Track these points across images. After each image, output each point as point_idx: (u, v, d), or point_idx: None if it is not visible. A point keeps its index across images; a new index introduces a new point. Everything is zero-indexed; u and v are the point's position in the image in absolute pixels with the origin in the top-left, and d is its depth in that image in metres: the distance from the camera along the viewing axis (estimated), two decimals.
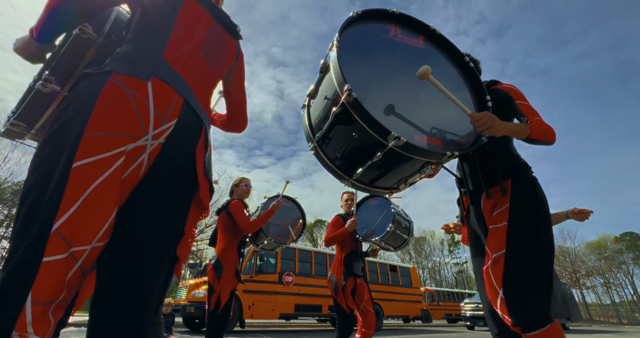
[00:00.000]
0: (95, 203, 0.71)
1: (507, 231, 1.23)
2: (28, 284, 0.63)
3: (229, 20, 1.18)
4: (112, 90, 0.78)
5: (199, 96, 1.01)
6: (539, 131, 1.26)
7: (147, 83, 0.84)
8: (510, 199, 1.28)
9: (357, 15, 1.21)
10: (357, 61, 1.16)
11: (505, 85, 1.46)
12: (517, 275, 1.16)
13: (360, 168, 1.12)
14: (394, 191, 1.28)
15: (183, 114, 0.89)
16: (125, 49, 0.93)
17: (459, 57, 1.40)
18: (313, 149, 1.23)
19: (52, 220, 0.67)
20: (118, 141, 0.76)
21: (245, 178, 3.22)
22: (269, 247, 3.24)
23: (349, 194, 3.32)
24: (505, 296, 1.15)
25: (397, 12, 1.31)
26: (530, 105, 1.37)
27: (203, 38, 1.06)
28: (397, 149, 1.00)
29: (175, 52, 0.96)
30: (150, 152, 0.83)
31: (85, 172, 0.71)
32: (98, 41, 1.10)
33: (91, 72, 0.83)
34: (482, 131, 1.16)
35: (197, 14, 1.06)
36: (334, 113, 1.07)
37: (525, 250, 1.19)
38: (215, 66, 1.11)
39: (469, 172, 1.49)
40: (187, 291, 7.82)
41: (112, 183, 0.74)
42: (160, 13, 0.98)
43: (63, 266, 0.67)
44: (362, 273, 3.04)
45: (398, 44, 1.29)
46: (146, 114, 0.81)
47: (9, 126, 1.14)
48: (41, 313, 0.64)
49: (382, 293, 11.19)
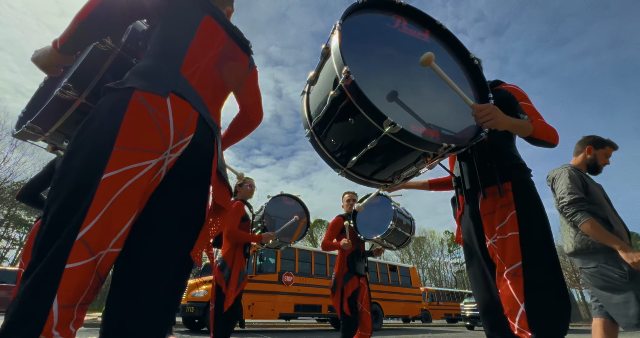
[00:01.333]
0: (117, 212, 0.76)
1: (519, 241, 1.20)
2: (53, 290, 0.67)
3: (242, 37, 1.24)
4: (137, 108, 0.84)
5: (212, 108, 1.07)
6: (543, 131, 1.23)
7: (167, 100, 0.89)
8: (515, 207, 1.25)
9: (363, 3, 1.19)
10: (359, 47, 1.13)
11: (508, 85, 1.44)
12: (537, 288, 1.14)
13: (354, 156, 1.10)
14: (389, 184, 1.26)
15: (199, 129, 0.95)
16: (145, 64, 0.97)
17: (464, 53, 1.37)
18: (309, 136, 1.21)
19: (77, 229, 0.71)
20: (144, 156, 0.82)
21: (249, 178, 3.22)
22: (274, 246, 3.24)
23: (350, 194, 3.30)
24: (528, 310, 1.12)
25: (404, 4, 1.28)
26: (534, 107, 1.34)
27: (217, 53, 1.12)
28: (392, 136, 0.97)
29: (191, 67, 1.01)
30: (167, 165, 0.89)
31: (112, 184, 0.76)
32: (116, 51, 1.16)
33: (114, 87, 0.87)
34: (483, 123, 1.13)
35: (213, 31, 1.12)
36: (332, 97, 1.05)
37: (541, 262, 1.17)
38: (228, 79, 1.16)
39: (466, 171, 1.46)
40: (187, 291, 7.81)
41: (134, 195, 0.79)
42: (180, 29, 1.03)
43: (86, 271, 0.71)
44: (365, 272, 3.04)
45: (403, 35, 1.26)
46: (167, 131, 0.87)
47: (25, 129, 1.20)
48: (66, 316, 0.68)
49: (382, 293, 11.18)
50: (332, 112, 1.10)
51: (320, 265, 9.90)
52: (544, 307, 1.12)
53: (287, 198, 3.40)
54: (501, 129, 1.17)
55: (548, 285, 1.14)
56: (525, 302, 1.13)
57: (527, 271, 1.16)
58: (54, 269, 0.68)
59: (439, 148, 1.01)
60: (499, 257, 1.25)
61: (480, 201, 1.37)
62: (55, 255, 0.68)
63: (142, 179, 0.80)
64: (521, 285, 1.15)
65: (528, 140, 1.27)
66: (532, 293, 1.13)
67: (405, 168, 1.17)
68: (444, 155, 1.09)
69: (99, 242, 0.73)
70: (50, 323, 0.65)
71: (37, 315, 0.64)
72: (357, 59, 1.09)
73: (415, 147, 1.01)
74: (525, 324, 1.12)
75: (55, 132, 1.22)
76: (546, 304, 1.12)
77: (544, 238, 1.20)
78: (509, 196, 1.27)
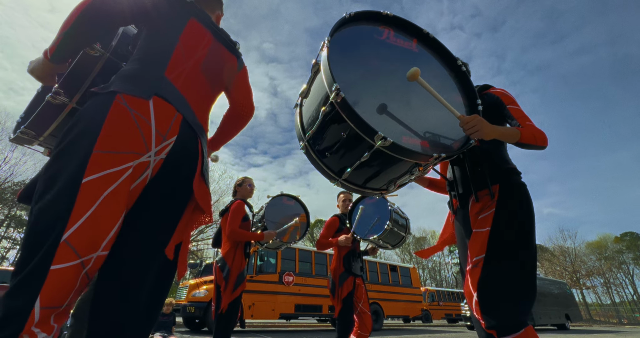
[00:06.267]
0: (102, 215, 0.77)
1: (488, 236, 1.23)
2: (36, 291, 0.68)
3: (229, 39, 1.25)
4: (118, 111, 0.85)
5: (198, 110, 1.07)
6: (530, 135, 1.26)
7: (149, 102, 0.91)
8: (496, 205, 1.28)
9: (350, 16, 1.21)
10: (348, 61, 1.16)
11: (497, 90, 1.47)
12: (492, 280, 1.17)
13: (349, 168, 1.13)
14: (384, 192, 1.29)
15: (182, 131, 0.96)
16: (130, 68, 0.99)
17: (452, 60, 1.40)
18: (304, 149, 1.24)
19: (62, 231, 0.72)
20: (124, 158, 0.83)
21: (249, 178, 3.24)
22: (274, 246, 3.25)
23: (346, 194, 3.31)
24: (479, 300, 1.17)
25: (391, 15, 1.30)
26: (522, 110, 1.37)
27: (204, 56, 1.13)
28: (384, 149, 1.01)
29: (176, 70, 1.03)
30: (153, 167, 0.90)
31: (94, 187, 0.77)
32: (105, 56, 1.17)
33: (97, 92, 0.89)
34: (470, 134, 1.17)
35: (199, 34, 1.13)
36: (323, 112, 1.08)
37: (503, 257, 1.19)
38: (215, 82, 1.17)
39: (459, 175, 1.50)
40: (188, 291, 7.83)
41: (118, 197, 0.80)
42: (164, 33, 1.05)
43: (72, 273, 0.72)
44: (361, 272, 3.04)
45: (390, 46, 1.28)
46: (148, 133, 0.88)
47: (19, 133, 1.23)
48: (47, 317, 0.69)
49: (382, 293, 11.20)
50: (325, 126, 1.13)
51: (321, 265, 9.92)
52: (493, 298, 1.15)
53: (287, 198, 3.42)
54: (488, 139, 1.20)
55: (504, 281, 1.16)
56: (478, 291, 1.17)
57: (486, 264, 1.19)
58: (39, 270, 0.69)
59: (430, 158, 1.04)
60: (468, 251, 1.29)
61: (471, 204, 1.40)
62: (40, 257, 0.70)
63: (125, 182, 0.82)
64: (477, 276, 1.19)
65: (517, 145, 1.30)
66: (486, 283, 1.17)
67: (398, 177, 1.20)
68: (435, 163, 1.12)
69: (87, 245, 0.74)
70: (31, 322, 0.67)
71: (19, 316, 0.66)
72: (346, 73, 1.11)
73: (407, 158, 1.05)
74: (479, 312, 1.16)
75: (49, 136, 1.24)
76: (497, 296, 1.15)
77: (516, 237, 1.22)
78: (496, 197, 1.31)
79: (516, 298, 1.14)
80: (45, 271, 0.69)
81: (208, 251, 22.30)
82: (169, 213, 0.95)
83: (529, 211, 1.28)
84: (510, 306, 1.14)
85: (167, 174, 0.93)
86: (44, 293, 0.68)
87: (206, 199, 1.04)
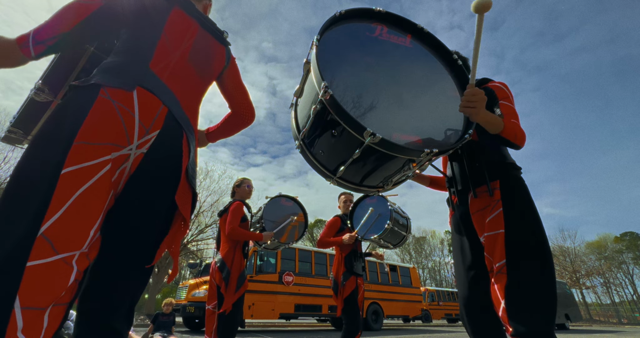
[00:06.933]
0: (82, 208, 0.72)
1: (504, 239, 1.21)
2: (13, 289, 0.61)
3: (216, 27, 1.21)
4: (101, 104, 0.81)
5: (186, 102, 1.03)
6: (512, 131, 1.24)
7: (133, 93, 0.86)
8: (502, 204, 1.26)
9: (341, 14, 1.20)
10: (338, 59, 1.15)
11: (495, 83, 1.45)
12: (519, 286, 1.15)
13: (342, 166, 1.13)
14: (380, 189, 1.28)
15: (166, 125, 0.92)
16: (112, 60, 0.95)
17: (447, 55, 1.38)
18: (299, 147, 1.24)
19: (39, 224, 0.66)
20: (104, 150, 0.78)
21: (247, 179, 3.24)
22: (272, 246, 3.25)
23: (347, 195, 3.32)
24: (507, 307, 1.14)
25: (384, 11, 1.29)
26: (513, 107, 1.35)
27: (190, 46, 1.08)
28: (373, 145, 0.99)
29: (161, 62, 0.98)
30: (132, 161, 0.86)
31: (72, 178, 0.72)
32: (90, 51, 1.13)
33: (79, 85, 0.85)
34: (465, 108, 1.14)
35: (184, 24, 1.09)
36: (315, 111, 1.08)
37: (525, 259, 1.18)
38: (203, 73, 1.13)
39: (457, 171, 1.48)
40: (187, 291, 7.84)
41: (98, 190, 0.76)
42: (147, 24, 1.01)
43: (53, 270, 0.66)
44: (362, 272, 3.05)
45: (383, 42, 1.27)
46: (131, 125, 0.84)
47: (7, 132, 1.19)
48: (34, 318, 0.63)
49: (382, 293, 11.21)
50: (317, 125, 1.12)
51: (321, 265, 9.93)
52: (523, 303, 1.13)
53: (286, 199, 3.42)
54: (477, 120, 1.18)
55: (530, 283, 1.15)
56: (506, 299, 1.15)
57: (510, 269, 1.18)
58: (13, 267, 0.62)
59: (422, 153, 1.03)
60: (487, 255, 1.28)
61: (470, 200, 1.39)
62: (14, 252, 0.63)
63: (106, 175, 0.78)
64: (504, 283, 1.18)
65: (495, 138, 1.28)
66: (513, 290, 1.15)
67: (393, 174, 1.19)
68: (430, 159, 1.11)
69: (66, 240, 0.69)
70: (13, 327, 0.59)
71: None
72: (336, 71, 1.11)
73: (398, 154, 1.04)
74: (506, 319, 1.14)
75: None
76: (526, 301, 1.13)
77: (530, 236, 1.21)
78: (497, 194, 1.29)
79: (545, 303, 1.13)
80: (21, 268, 0.62)
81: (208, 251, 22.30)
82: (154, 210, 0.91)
83: (533, 207, 1.27)
84: (538, 314, 1.12)
85: (149, 169, 0.88)
86: (24, 292, 0.61)
87: (187, 206, 0.97)
